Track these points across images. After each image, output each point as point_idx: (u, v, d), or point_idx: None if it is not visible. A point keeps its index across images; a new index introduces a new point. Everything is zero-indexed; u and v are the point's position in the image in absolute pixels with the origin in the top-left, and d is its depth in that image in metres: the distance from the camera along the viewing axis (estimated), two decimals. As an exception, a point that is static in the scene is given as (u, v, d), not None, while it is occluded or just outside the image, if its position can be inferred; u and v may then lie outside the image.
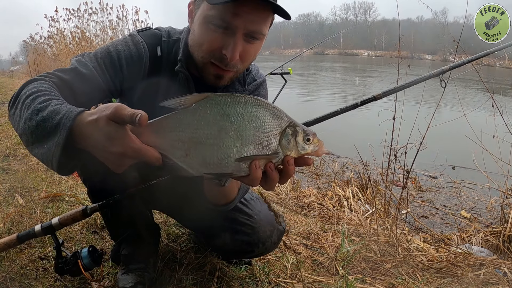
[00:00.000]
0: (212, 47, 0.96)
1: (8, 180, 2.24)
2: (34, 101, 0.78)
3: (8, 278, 1.20)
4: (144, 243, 1.30)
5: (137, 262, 1.26)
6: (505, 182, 2.45)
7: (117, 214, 1.21)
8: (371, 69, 26.89)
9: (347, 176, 3.75)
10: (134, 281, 1.20)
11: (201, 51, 0.99)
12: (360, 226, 2.20)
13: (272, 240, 1.26)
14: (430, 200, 3.65)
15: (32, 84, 0.86)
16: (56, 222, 0.96)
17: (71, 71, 0.97)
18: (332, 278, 1.50)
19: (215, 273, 1.34)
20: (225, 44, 0.94)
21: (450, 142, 4.60)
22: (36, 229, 0.97)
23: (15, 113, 0.82)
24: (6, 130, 3.74)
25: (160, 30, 1.14)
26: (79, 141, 0.71)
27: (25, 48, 12.45)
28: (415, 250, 1.95)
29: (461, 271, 1.71)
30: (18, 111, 0.81)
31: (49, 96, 0.80)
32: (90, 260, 1.05)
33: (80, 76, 0.97)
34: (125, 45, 1.06)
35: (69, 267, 1.04)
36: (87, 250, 1.06)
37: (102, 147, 0.69)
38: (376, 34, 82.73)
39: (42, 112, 0.75)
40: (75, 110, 0.72)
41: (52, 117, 0.73)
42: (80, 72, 0.97)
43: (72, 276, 1.05)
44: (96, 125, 0.68)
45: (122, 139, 0.68)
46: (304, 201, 2.84)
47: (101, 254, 1.09)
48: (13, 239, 0.99)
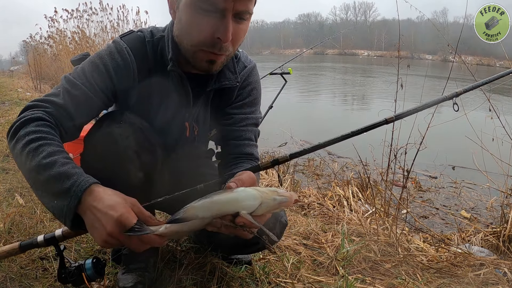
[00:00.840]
0: (203, 33, 0.94)
1: (8, 180, 2.24)
2: (37, 151, 0.84)
3: (8, 278, 1.20)
4: None
5: (138, 262, 1.26)
6: (505, 182, 2.45)
7: None
8: (371, 69, 26.88)
9: (347, 176, 3.75)
10: (135, 280, 1.20)
11: (190, 39, 0.98)
12: (360, 226, 2.20)
13: (275, 233, 1.26)
14: (430, 200, 3.65)
15: (30, 122, 0.91)
16: (60, 235, 0.97)
17: (64, 94, 0.99)
18: (332, 278, 1.50)
19: (215, 273, 1.34)
20: (217, 27, 0.93)
21: (450, 142, 4.60)
22: (39, 240, 0.98)
23: (15, 149, 0.89)
24: (6, 130, 3.73)
25: (143, 31, 1.13)
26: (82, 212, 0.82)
27: (25, 48, 12.44)
28: (415, 250, 1.95)
29: (461, 271, 1.71)
30: (18, 152, 0.88)
31: (52, 146, 0.86)
32: (93, 271, 1.07)
33: (73, 98, 0.99)
34: (110, 55, 1.06)
35: (73, 279, 1.05)
36: (91, 262, 1.07)
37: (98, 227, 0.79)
38: (376, 34, 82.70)
39: (50, 170, 0.82)
40: (85, 183, 0.82)
41: (61, 180, 0.81)
42: (72, 95, 0.99)
43: (75, 286, 1.07)
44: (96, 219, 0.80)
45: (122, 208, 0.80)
46: (304, 201, 2.84)
47: (104, 265, 1.10)
48: (15, 247, 1.00)
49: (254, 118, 1.24)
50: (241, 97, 1.22)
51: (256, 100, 1.25)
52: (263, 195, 0.73)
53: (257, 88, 1.25)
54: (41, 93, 7.77)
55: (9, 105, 5.58)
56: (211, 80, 1.14)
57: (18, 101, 5.97)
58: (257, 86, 1.25)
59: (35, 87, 8.26)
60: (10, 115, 4.58)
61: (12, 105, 5.55)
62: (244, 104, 1.22)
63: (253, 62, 1.25)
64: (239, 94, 1.22)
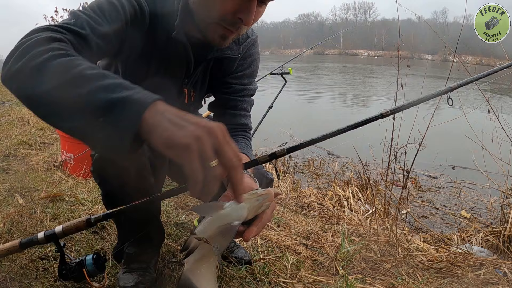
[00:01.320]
0: (226, 10, 0.91)
1: (8, 180, 2.24)
2: (74, 62, 0.64)
3: (8, 278, 1.20)
4: (150, 244, 1.30)
5: (139, 262, 1.26)
6: (505, 182, 2.45)
7: (131, 219, 1.19)
8: (371, 69, 26.86)
9: (347, 176, 3.75)
10: (136, 280, 1.20)
11: (209, 11, 0.93)
12: (360, 226, 2.20)
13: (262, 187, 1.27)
14: (430, 200, 3.66)
15: (51, 41, 0.69)
16: (60, 231, 0.96)
17: (84, 24, 0.81)
18: (332, 278, 1.50)
19: (215, 273, 1.34)
20: (241, 8, 0.90)
21: (450, 142, 4.60)
22: (39, 237, 0.98)
23: (28, 65, 0.65)
24: (6, 130, 3.74)
25: None
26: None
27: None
28: (415, 250, 1.95)
29: (461, 271, 1.71)
30: (39, 65, 0.64)
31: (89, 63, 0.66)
32: (94, 267, 1.07)
33: (95, 31, 0.82)
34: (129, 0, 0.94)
35: (74, 275, 1.05)
36: (91, 257, 1.07)
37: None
38: (376, 34, 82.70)
39: (98, 80, 0.61)
40: (149, 97, 0.60)
41: (118, 89, 0.60)
42: (95, 29, 0.82)
43: (76, 282, 1.07)
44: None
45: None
46: (304, 201, 2.84)
47: (104, 261, 1.10)
48: (16, 245, 0.99)
49: (252, 89, 1.26)
50: (242, 68, 1.23)
51: (255, 72, 1.27)
52: (250, 205, 0.79)
53: (257, 60, 1.26)
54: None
55: (9, 105, 5.58)
56: (214, 48, 1.10)
57: (18, 101, 5.97)
58: (257, 57, 1.26)
59: (35, 87, 8.27)
60: (10, 115, 4.58)
61: (12, 105, 5.55)
62: (244, 74, 1.23)
63: (255, 33, 1.25)
64: (240, 64, 1.22)
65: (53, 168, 2.63)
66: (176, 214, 1.94)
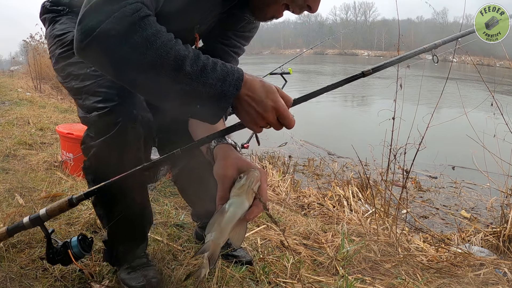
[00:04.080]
0: None
1: (8, 180, 2.24)
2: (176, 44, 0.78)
3: (8, 278, 1.20)
4: (138, 238, 1.28)
5: (139, 258, 1.26)
6: (505, 182, 2.45)
7: (130, 215, 1.19)
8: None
9: (347, 176, 3.75)
10: (144, 276, 1.20)
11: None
12: (360, 226, 2.20)
13: None
14: (430, 200, 3.66)
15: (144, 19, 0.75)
16: (44, 213, 0.98)
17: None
18: (332, 278, 1.50)
19: (215, 273, 1.34)
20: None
21: (450, 142, 4.60)
22: (25, 221, 0.99)
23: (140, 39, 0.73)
24: (6, 130, 3.74)
25: None
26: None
27: (25, 48, 12.41)
28: (415, 250, 1.95)
29: (461, 271, 1.71)
30: (148, 43, 0.74)
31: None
32: (80, 249, 1.06)
33: None
34: None
35: (60, 257, 1.05)
36: (76, 239, 1.06)
37: (259, 99, 0.83)
38: (376, 34, 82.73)
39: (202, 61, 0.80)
40: (239, 73, 0.84)
41: (218, 71, 0.81)
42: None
43: (64, 265, 1.07)
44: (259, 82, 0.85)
45: (276, 96, 0.84)
46: (304, 201, 2.84)
47: (91, 242, 1.09)
48: (3, 232, 1.00)
49: (243, 50, 1.33)
50: (244, 29, 1.27)
51: (251, 38, 1.33)
52: (246, 196, 0.88)
53: (257, 28, 1.32)
54: (41, 93, 7.78)
55: (9, 105, 5.57)
56: (236, 4, 1.10)
57: (18, 101, 5.96)
58: (258, 26, 1.31)
59: (35, 87, 8.25)
60: (10, 115, 4.58)
61: (12, 105, 5.55)
62: (244, 35, 1.28)
63: None
64: (244, 26, 1.25)
65: (53, 168, 2.63)
66: (176, 214, 1.94)
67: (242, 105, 0.85)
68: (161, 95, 0.82)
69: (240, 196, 0.87)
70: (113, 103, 1.02)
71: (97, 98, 1.05)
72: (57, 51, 1.18)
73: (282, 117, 0.86)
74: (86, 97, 1.08)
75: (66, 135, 2.55)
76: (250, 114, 0.85)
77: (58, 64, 1.18)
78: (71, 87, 1.14)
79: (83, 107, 1.10)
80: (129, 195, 1.13)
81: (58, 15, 1.25)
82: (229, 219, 0.85)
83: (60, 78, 1.20)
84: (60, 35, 1.19)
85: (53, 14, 1.25)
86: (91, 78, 1.08)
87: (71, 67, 1.14)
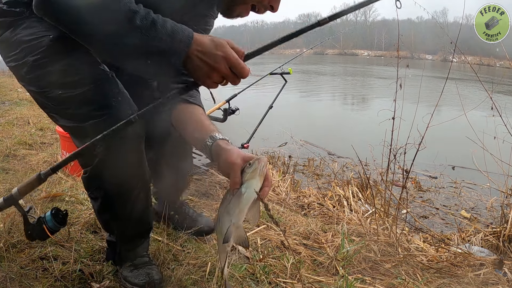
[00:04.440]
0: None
1: (8, 180, 2.24)
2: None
3: (8, 278, 1.20)
4: (141, 236, 1.28)
5: (141, 257, 1.27)
6: (505, 182, 2.45)
7: (132, 213, 1.19)
8: (371, 69, 26.88)
9: (347, 176, 3.75)
10: (147, 274, 1.22)
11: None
12: (360, 226, 2.20)
13: None
14: (430, 200, 3.66)
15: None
16: (16, 192, 1.02)
17: None
18: (332, 278, 1.50)
19: (215, 273, 1.34)
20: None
21: (450, 142, 4.60)
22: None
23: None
24: (6, 130, 3.74)
25: None
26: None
27: (25, 48, 12.37)
28: (415, 250, 1.95)
29: (461, 271, 1.71)
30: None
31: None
32: (54, 222, 1.07)
33: None
34: None
35: (37, 233, 1.06)
36: (50, 213, 1.08)
37: (208, 51, 0.88)
38: (376, 34, 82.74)
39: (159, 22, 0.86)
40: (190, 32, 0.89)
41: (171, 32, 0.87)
42: None
43: (42, 240, 1.09)
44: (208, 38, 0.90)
45: (226, 48, 0.88)
46: (304, 201, 2.84)
47: (65, 214, 1.10)
48: None
49: (209, 32, 1.36)
50: (207, 24, 1.32)
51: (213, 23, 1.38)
52: (259, 178, 0.97)
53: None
54: (41, 93, 7.75)
55: (9, 105, 5.57)
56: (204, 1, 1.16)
57: (18, 101, 5.96)
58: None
59: (35, 87, 8.25)
60: (10, 115, 4.58)
61: (12, 105, 5.54)
62: (206, 29, 1.32)
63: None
64: (207, 21, 1.31)
65: (53, 168, 2.62)
66: (176, 214, 1.93)
67: (193, 60, 0.88)
68: (114, 51, 0.88)
69: (254, 178, 0.96)
70: (109, 109, 0.99)
71: (92, 106, 1.00)
72: (30, 58, 1.03)
73: (234, 66, 0.89)
74: (78, 106, 1.01)
75: (66, 135, 2.55)
76: (202, 68, 0.89)
77: (34, 73, 1.04)
78: (54, 97, 1.03)
79: (72, 117, 1.03)
80: (133, 194, 1.14)
81: (19, 19, 1.06)
82: (246, 200, 0.95)
83: (34, 87, 1.06)
84: (30, 40, 1.03)
85: (11, 18, 1.06)
86: (83, 85, 1.00)
87: (54, 75, 1.02)
